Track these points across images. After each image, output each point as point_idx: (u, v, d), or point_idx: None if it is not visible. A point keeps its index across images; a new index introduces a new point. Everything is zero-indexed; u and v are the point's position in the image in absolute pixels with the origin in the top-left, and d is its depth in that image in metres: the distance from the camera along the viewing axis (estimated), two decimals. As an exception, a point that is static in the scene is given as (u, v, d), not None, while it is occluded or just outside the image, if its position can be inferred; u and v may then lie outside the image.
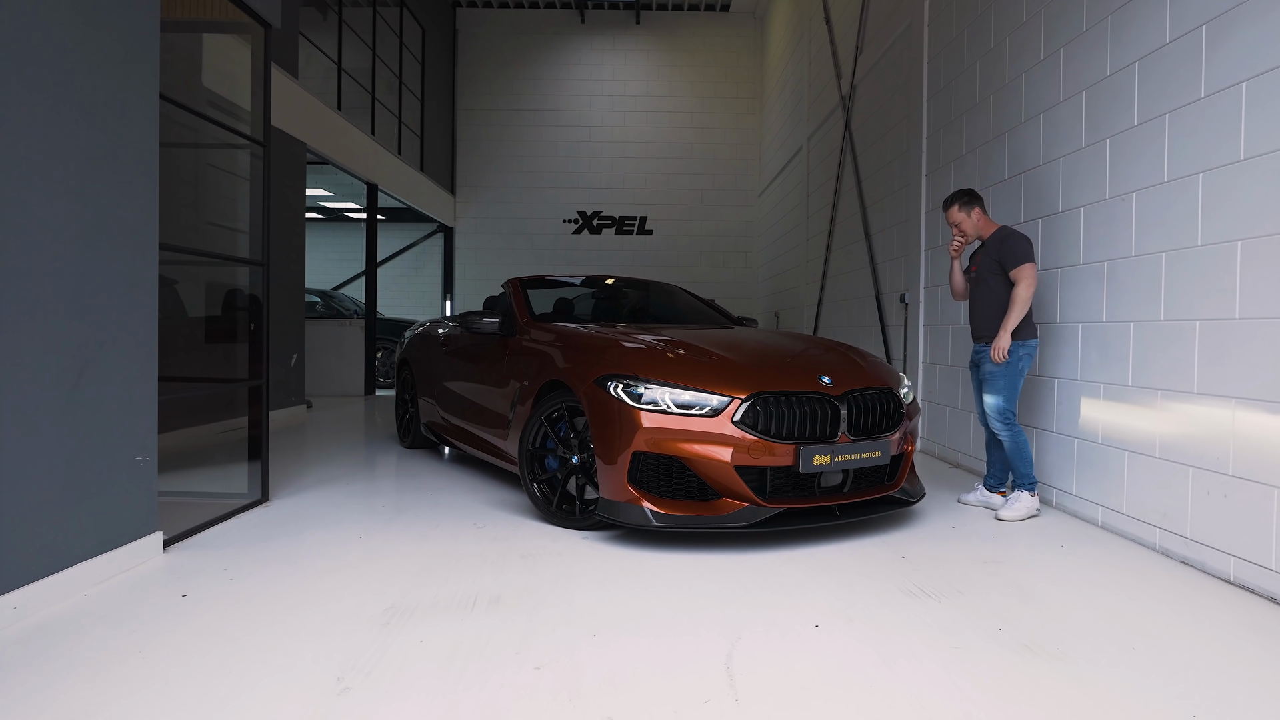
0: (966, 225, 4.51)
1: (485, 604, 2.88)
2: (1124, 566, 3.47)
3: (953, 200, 4.53)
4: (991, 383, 4.32)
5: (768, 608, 2.88)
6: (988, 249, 4.43)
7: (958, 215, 4.50)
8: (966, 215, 4.49)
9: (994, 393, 4.31)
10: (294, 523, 4.02)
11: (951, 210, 4.53)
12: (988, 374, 4.34)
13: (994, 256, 4.34)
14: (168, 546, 3.50)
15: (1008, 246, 4.28)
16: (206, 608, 2.80)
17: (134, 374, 3.20)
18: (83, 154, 2.89)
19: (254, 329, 4.45)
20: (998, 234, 4.42)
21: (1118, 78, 4.03)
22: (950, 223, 4.56)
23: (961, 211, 4.49)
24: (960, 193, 4.52)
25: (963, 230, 4.51)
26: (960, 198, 4.51)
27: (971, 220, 4.49)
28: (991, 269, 4.37)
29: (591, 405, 3.76)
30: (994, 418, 4.33)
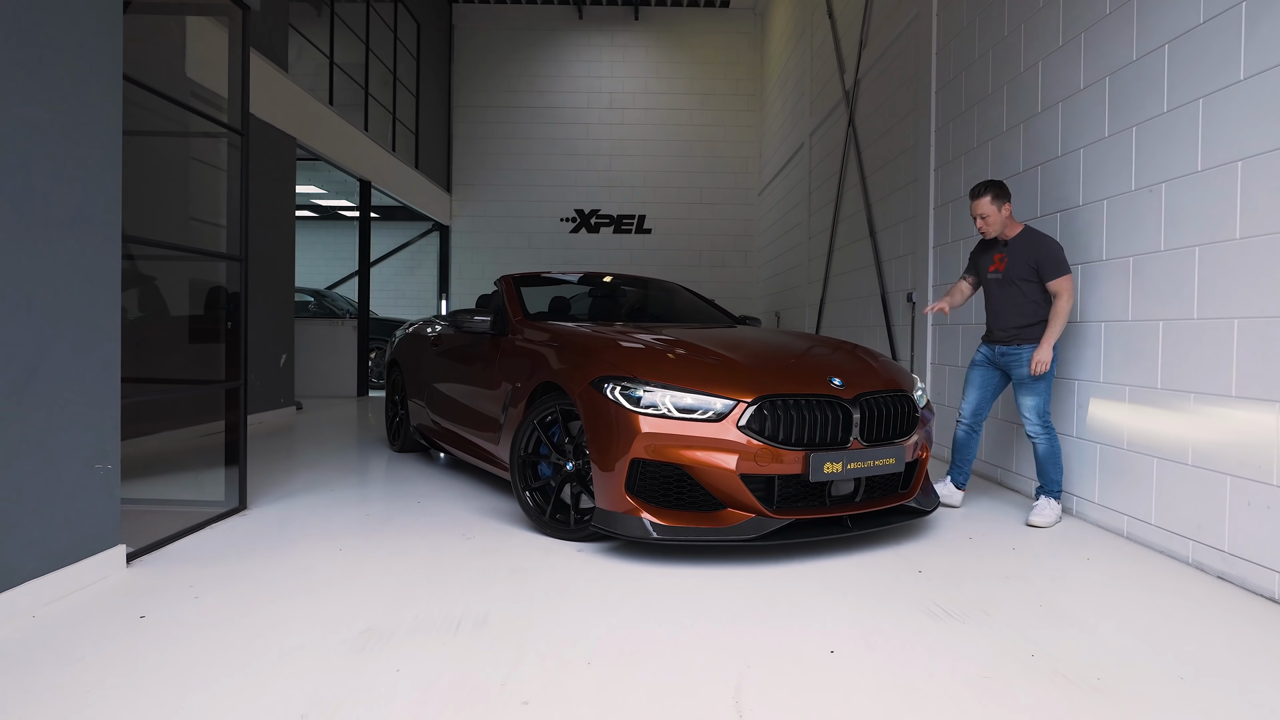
0: (994, 220, 4.24)
1: (471, 626, 2.65)
2: (1157, 582, 3.24)
3: (986, 190, 4.24)
4: (1031, 385, 4.15)
5: (778, 631, 2.65)
6: (1017, 250, 4.20)
7: (988, 207, 4.23)
8: (998, 209, 4.23)
9: (1034, 394, 4.14)
10: (271, 533, 3.78)
11: (983, 201, 4.23)
12: (1023, 379, 4.17)
13: (1028, 261, 4.13)
14: (132, 560, 3.27)
15: (1047, 253, 4.09)
16: (165, 631, 2.56)
17: (93, 375, 2.96)
18: (25, 135, 2.65)
19: (231, 327, 4.21)
20: (1027, 236, 4.22)
21: (1145, 62, 3.80)
22: (978, 214, 4.26)
23: (994, 204, 4.22)
24: (994, 183, 4.25)
25: (989, 224, 4.25)
26: (994, 188, 4.23)
27: (1000, 216, 4.24)
28: (1023, 273, 4.16)
29: (587, 409, 3.53)
30: (1034, 421, 4.15)
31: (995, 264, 4.30)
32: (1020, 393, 4.18)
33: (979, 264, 4.47)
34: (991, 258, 4.35)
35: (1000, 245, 4.31)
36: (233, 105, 4.23)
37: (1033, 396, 4.13)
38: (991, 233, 4.28)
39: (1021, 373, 4.14)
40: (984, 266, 4.41)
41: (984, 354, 4.39)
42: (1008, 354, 4.22)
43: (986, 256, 4.40)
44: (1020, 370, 4.15)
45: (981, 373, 4.39)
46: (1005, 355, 4.24)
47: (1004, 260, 4.25)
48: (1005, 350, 4.24)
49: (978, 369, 4.40)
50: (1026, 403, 4.15)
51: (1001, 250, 4.29)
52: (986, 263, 4.38)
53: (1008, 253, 4.24)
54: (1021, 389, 4.17)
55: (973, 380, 4.41)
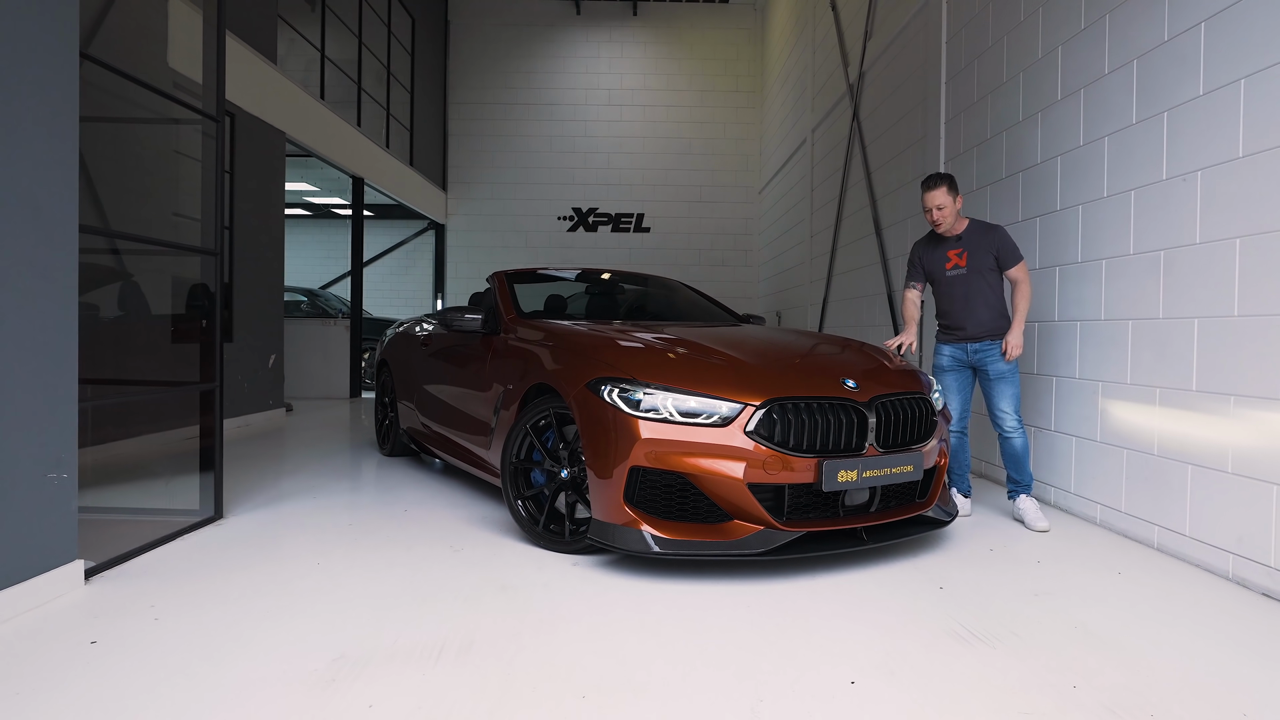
0: (949, 212, 4.13)
1: (454, 653, 2.41)
2: (1198, 599, 3.00)
3: (942, 180, 4.12)
4: (1009, 381, 4.08)
5: (792, 657, 2.41)
6: (974, 242, 4.14)
7: (945, 198, 4.11)
8: (953, 200, 4.12)
9: (1013, 391, 4.08)
10: (245, 545, 3.54)
11: (940, 191, 4.11)
12: (1002, 374, 4.08)
13: (989, 251, 4.10)
14: (92, 576, 3.02)
15: (1004, 241, 4.11)
16: (116, 659, 2.32)
17: (43, 377, 2.72)
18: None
19: (206, 325, 3.97)
20: (979, 227, 4.18)
21: (1178, 42, 3.57)
22: (933, 205, 4.12)
23: (950, 194, 4.11)
24: (948, 175, 4.16)
25: (945, 215, 4.12)
26: (949, 180, 4.13)
27: (955, 208, 4.15)
28: (987, 264, 4.11)
29: (583, 412, 3.29)
30: (1012, 415, 4.07)
31: (953, 260, 4.18)
32: (998, 388, 4.08)
33: (929, 264, 4.30)
34: (944, 255, 4.22)
35: (951, 241, 4.20)
36: (207, 91, 3.99)
37: (1012, 388, 4.06)
38: (945, 226, 4.15)
39: (1000, 366, 4.06)
40: (938, 265, 4.25)
41: (952, 355, 4.23)
42: (982, 350, 4.11)
43: (937, 254, 4.26)
44: (999, 365, 4.06)
45: (956, 376, 4.23)
46: (979, 353, 4.12)
47: (963, 254, 4.14)
48: (979, 347, 4.12)
49: (951, 374, 4.24)
50: (1006, 397, 4.06)
51: (955, 245, 4.19)
52: (939, 261, 4.24)
53: (964, 246, 4.15)
54: (1001, 383, 4.07)
55: (949, 386, 4.24)
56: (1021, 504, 4.07)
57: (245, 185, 7.68)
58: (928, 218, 4.18)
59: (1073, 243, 4.35)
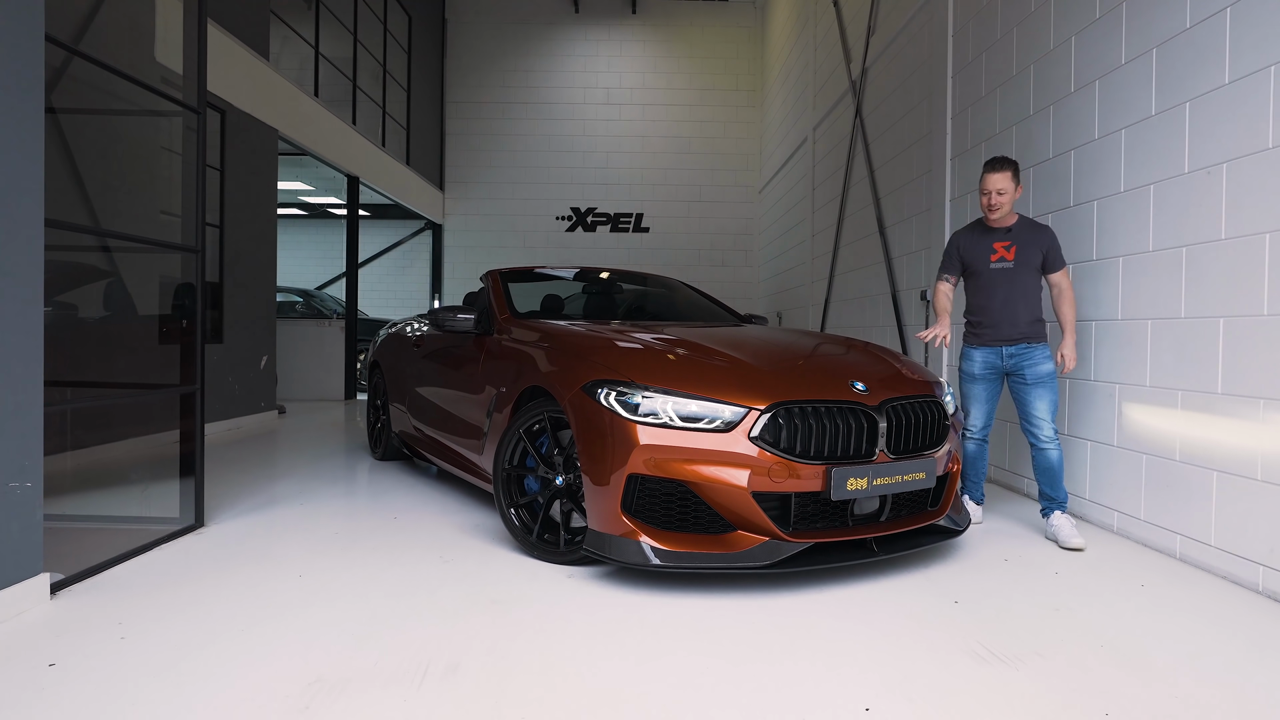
0: (1009, 199, 3.86)
1: (439, 674, 2.24)
2: (1229, 615, 2.84)
3: (1008, 165, 3.85)
4: (1048, 387, 3.81)
5: (802, 680, 2.25)
6: (1025, 237, 3.86)
7: (1008, 183, 3.84)
8: (1014, 188, 3.86)
9: (1052, 398, 3.81)
10: (225, 556, 3.38)
11: (1005, 175, 3.83)
12: (1041, 379, 3.80)
13: (1039, 249, 3.83)
14: (59, 590, 2.86)
15: (1055, 242, 3.87)
16: (74, 684, 2.16)
17: (6, 381, 2.56)
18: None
19: (186, 325, 3.81)
20: (1030, 223, 3.92)
21: (1201, 29, 3.41)
22: (994, 189, 3.84)
23: (1014, 180, 3.85)
24: (1012, 161, 3.88)
25: (1003, 202, 3.85)
26: (1015, 166, 3.86)
27: (1014, 196, 3.88)
28: (1034, 262, 3.84)
29: (578, 417, 3.13)
30: (1050, 424, 3.80)
31: (999, 253, 3.89)
32: (1036, 394, 3.79)
33: (971, 255, 4.00)
34: (990, 246, 3.93)
35: (1000, 233, 3.92)
36: (188, 82, 3.83)
37: (1051, 394, 3.79)
38: (1000, 213, 3.87)
39: (1040, 371, 3.79)
40: (980, 257, 3.95)
41: (985, 360, 3.95)
42: (1019, 354, 3.85)
43: (982, 245, 3.97)
44: (1038, 369, 3.79)
45: (987, 385, 3.97)
46: (1016, 356, 3.85)
47: (1011, 248, 3.86)
48: (1016, 351, 3.85)
49: (981, 382, 3.97)
50: (1044, 404, 3.78)
51: (1003, 238, 3.90)
52: (983, 252, 3.95)
53: (1014, 240, 3.87)
54: (1040, 389, 3.79)
55: (978, 395, 3.98)
56: (1056, 521, 3.76)
57: (236, 183, 7.52)
58: (984, 202, 3.89)
59: (1087, 240, 4.20)
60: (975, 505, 4.05)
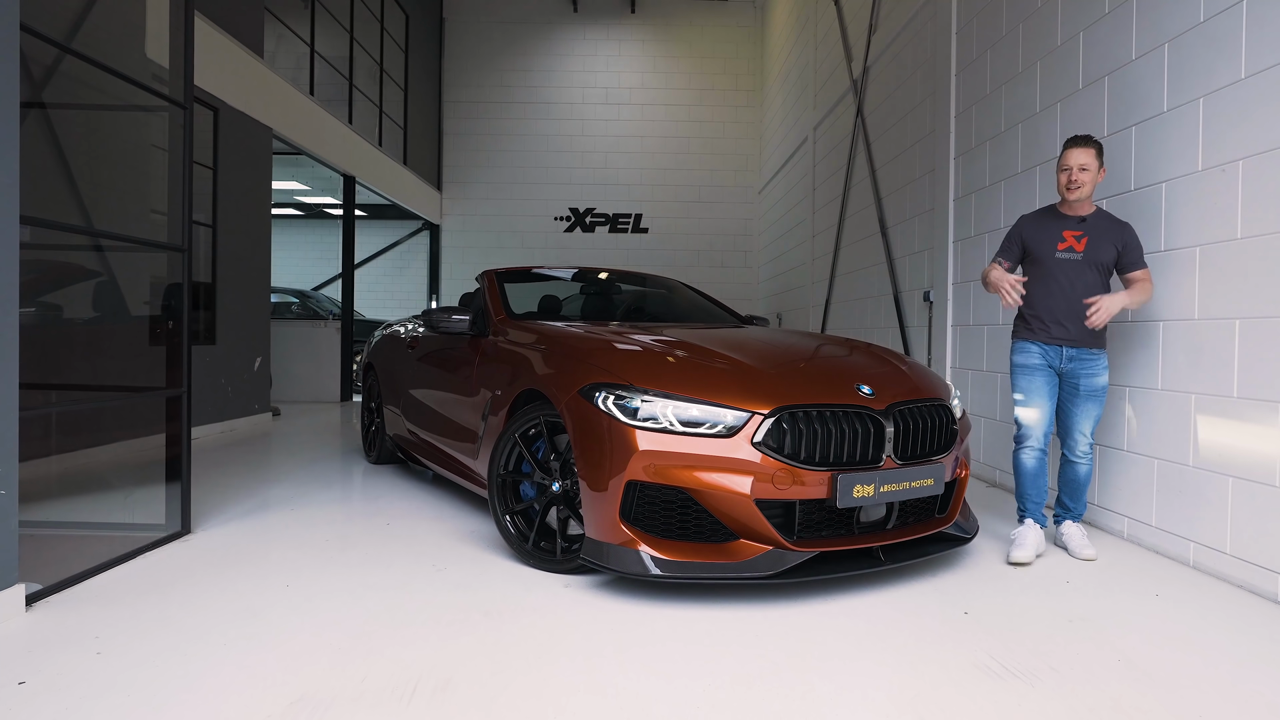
0: (1091, 179, 3.46)
1: (429, 691, 2.15)
2: (1247, 626, 2.75)
3: (1091, 142, 3.47)
4: (1098, 401, 3.53)
5: (807, 697, 2.15)
6: (1100, 229, 3.49)
7: (1093, 160, 3.46)
8: (1097, 167, 3.47)
9: (1099, 413, 3.56)
10: (211, 564, 3.27)
11: (1089, 151, 3.45)
12: (1094, 392, 3.51)
13: (1114, 243, 3.46)
14: (35, 602, 2.76)
15: (1134, 237, 3.49)
16: (45, 702, 2.06)
17: (-23, 383, 2.46)
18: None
19: (172, 327, 3.71)
20: (1109, 217, 3.56)
21: (1214, 24, 3.32)
22: (1076, 164, 3.43)
23: (1098, 159, 3.47)
24: (1096, 140, 3.51)
25: (1084, 181, 3.44)
26: (1100, 146, 3.50)
27: (1096, 178, 3.49)
28: (1107, 256, 3.47)
29: (575, 421, 3.03)
30: (1088, 439, 3.57)
31: (1069, 241, 3.51)
32: (1085, 407, 3.52)
33: (1035, 241, 3.59)
34: (1059, 234, 3.54)
35: (1072, 221, 3.53)
36: (174, 77, 3.73)
37: (1099, 409, 3.54)
38: (1081, 194, 3.46)
39: (1096, 384, 3.50)
40: (1046, 243, 3.55)
41: (1041, 355, 3.55)
42: (1078, 360, 3.50)
43: (1049, 230, 3.57)
44: (1094, 380, 3.50)
45: (1047, 378, 3.55)
46: (1075, 360, 3.50)
47: (1083, 239, 3.48)
48: (1076, 354, 3.50)
49: (1040, 374, 3.55)
50: (1090, 418, 3.53)
51: (1076, 226, 3.52)
52: (1050, 238, 3.55)
53: (1087, 230, 3.48)
54: (1090, 402, 3.51)
55: (1038, 389, 3.54)
56: (1067, 529, 3.62)
57: (230, 182, 7.42)
58: (1062, 180, 3.49)
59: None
60: (1036, 528, 3.58)
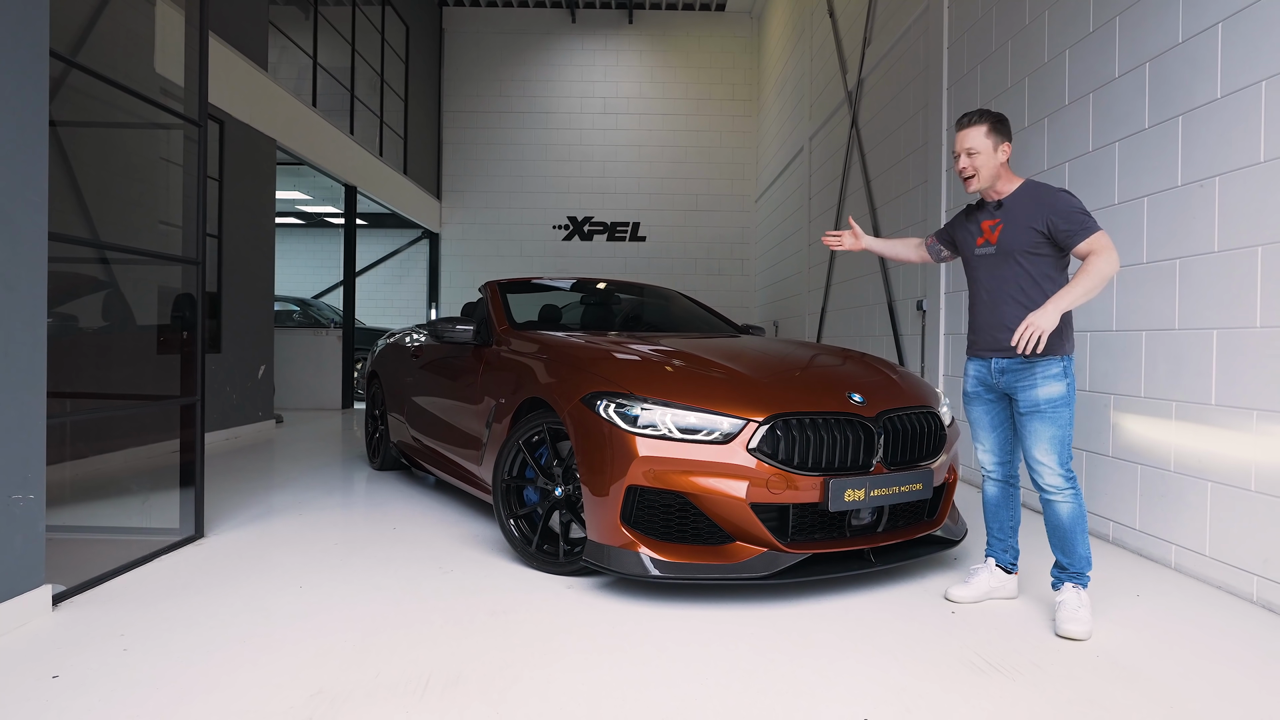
0: (985, 161, 2.91)
1: (441, 686, 2.26)
2: (1224, 625, 2.86)
3: (983, 118, 2.93)
4: (1045, 418, 2.83)
5: (800, 690, 2.27)
6: (1016, 211, 2.90)
7: (981, 140, 2.90)
8: (994, 146, 2.91)
9: (1053, 432, 2.82)
10: (225, 567, 3.39)
11: (975, 131, 2.92)
12: (1034, 406, 2.84)
13: (1033, 224, 2.84)
14: (60, 602, 2.87)
15: (1064, 206, 2.82)
16: (78, 696, 2.17)
17: (10, 394, 2.57)
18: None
19: (187, 337, 3.83)
20: (1030, 191, 2.93)
21: (1193, 44, 3.46)
22: (963, 148, 2.93)
23: (990, 137, 2.91)
24: (991, 113, 2.96)
25: (976, 166, 2.91)
26: (992, 120, 2.93)
27: (995, 158, 2.92)
28: (1027, 242, 2.85)
29: (577, 428, 3.15)
30: (1049, 468, 2.83)
31: (984, 234, 2.99)
32: (1029, 427, 2.86)
33: (961, 238, 3.13)
34: (978, 227, 3.02)
35: (989, 209, 3.00)
36: (189, 95, 3.86)
37: (1052, 428, 2.82)
38: (978, 183, 2.94)
39: (1034, 397, 2.84)
40: (968, 242, 3.06)
41: (977, 377, 3.05)
42: (1010, 372, 2.91)
43: (969, 228, 3.08)
44: (1031, 394, 2.85)
45: (986, 407, 3.06)
46: (1006, 373, 2.92)
47: (998, 227, 2.93)
48: (1006, 365, 2.91)
49: (979, 404, 3.07)
50: (1040, 439, 2.83)
51: (992, 215, 2.98)
52: (971, 236, 3.05)
53: (1002, 216, 2.93)
54: (1034, 420, 2.84)
55: (979, 419, 3.08)
56: (1063, 595, 2.82)
57: (234, 193, 7.54)
58: (955, 166, 3.02)
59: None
60: (1004, 573, 3.08)
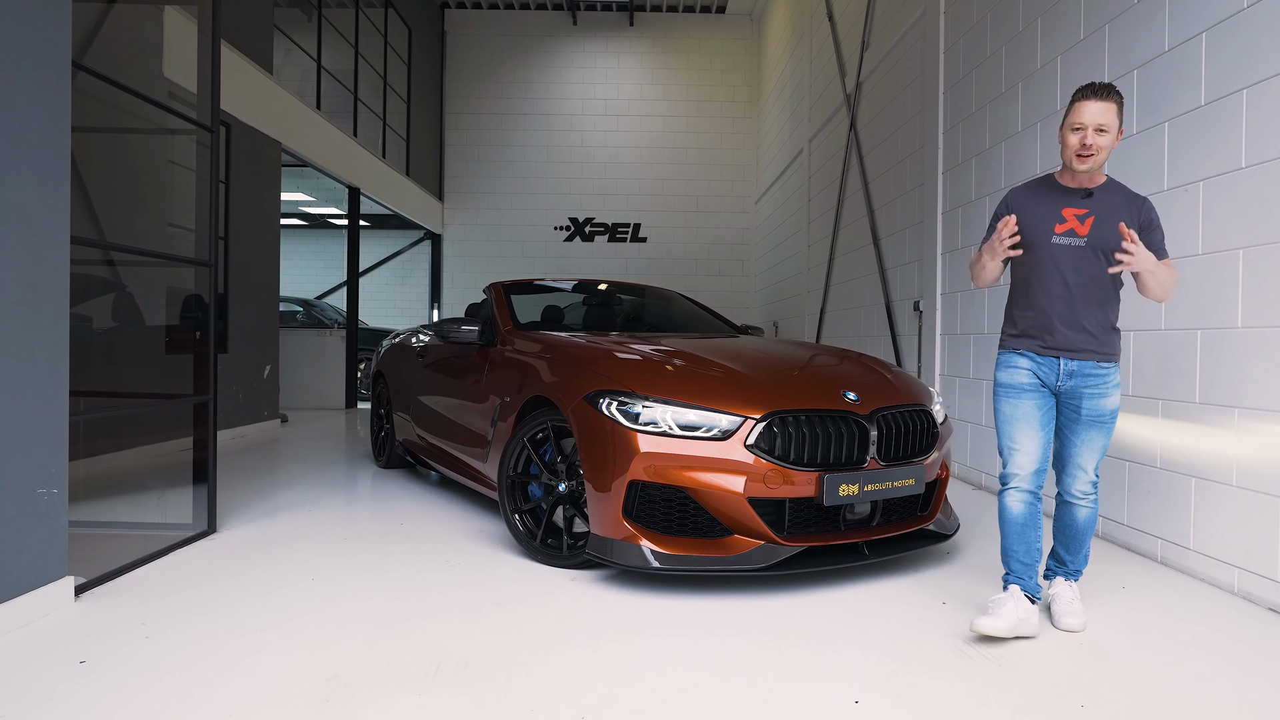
0: (1108, 142, 2.62)
1: (450, 672, 2.36)
2: (1204, 615, 2.97)
3: (1112, 94, 2.62)
4: (1104, 429, 2.74)
5: (794, 675, 2.37)
6: (1110, 204, 2.65)
7: (1113, 118, 2.61)
8: (1118, 126, 2.63)
9: (1105, 443, 2.77)
10: (238, 561, 3.49)
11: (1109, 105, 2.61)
12: (1099, 416, 2.71)
13: (1127, 222, 2.60)
14: (82, 593, 2.97)
15: (1155, 217, 2.69)
16: (106, 679, 2.27)
17: (33, 392, 2.68)
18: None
19: (200, 338, 3.93)
20: (1120, 188, 2.73)
21: (1179, 52, 3.56)
22: (1091, 123, 2.60)
23: (1119, 116, 2.63)
24: (1118, 90, 2.66)
25: (1099, 147, 2.61)
26: (1120, 97, 2.65)
27: (1114, 139, 2.63)
28: (1116, 240, 2.55)
29: (580, 425, 3.25)
30: (1087, 476, 2.79)
31: (1070, 222, 2.67)
32: (1087, 437, 2.72)
33: (1032, 220, 2.73)
34: (1058, 212, 2.70)
35: (1076, 195, 2.71)
36: (202, 101, 3.96)
37: (1105, 439, 2.74)
38: (1095, 164, 2.64)
39: (1102, 407, 2.68)
40: (1042, 223, 2.71)
41: (1033, 371, 2.75)
42: (1080, 374, 2.69)
43: (1047, 206, 2.73)
44: (1100, 403, 2.68)
45: (1039, 401, 2.74)
46: (1076, 376, 2.69)
47: (1089, 219, 2.64)
48: (1077, 368, 2.69)
49: (1030, 396, 2.74)
50: (1094, 449, 2.74)
51: (1080, 203, 2.68)
52: (1048, 218, 2.70)
53: (1094, 208, 2.64)
54: (1094, 430, 2.71)
55: (1025, 416, 2.74)
56: (1057, 588, 2.86)
57: (240, 195, 7.65)
58: (1074, 142, 2.64)
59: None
60: (1028, 602, 2.71)
